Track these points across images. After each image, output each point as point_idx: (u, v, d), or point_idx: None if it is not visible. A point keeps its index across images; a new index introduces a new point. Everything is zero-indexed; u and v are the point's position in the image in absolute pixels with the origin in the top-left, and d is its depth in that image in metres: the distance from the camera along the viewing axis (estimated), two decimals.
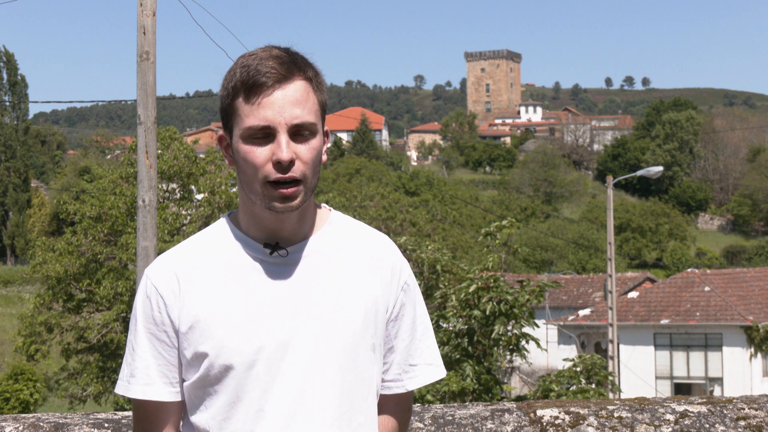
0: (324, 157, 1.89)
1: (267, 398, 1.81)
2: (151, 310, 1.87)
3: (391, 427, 2.00)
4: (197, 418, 1.87)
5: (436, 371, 2.02)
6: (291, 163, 1.78)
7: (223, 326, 1.82)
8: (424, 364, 2.00)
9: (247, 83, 1.79)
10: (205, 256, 1.89)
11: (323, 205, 1.99)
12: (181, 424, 1.94)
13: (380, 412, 1.98)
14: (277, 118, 1.78)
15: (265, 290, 1.85)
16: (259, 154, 1.79)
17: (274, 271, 1.86)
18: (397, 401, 2.00)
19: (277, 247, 1.86)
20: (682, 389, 29.66)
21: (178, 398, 1.89)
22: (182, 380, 1.89)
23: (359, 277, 1.90)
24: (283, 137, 1.78)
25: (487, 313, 9.39)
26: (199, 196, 23.63)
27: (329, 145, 1.95)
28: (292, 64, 1.81)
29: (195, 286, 1.86)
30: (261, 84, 1.78)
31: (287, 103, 1.78)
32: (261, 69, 1.78)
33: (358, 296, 1.88)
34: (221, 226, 1.94)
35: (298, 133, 1.80)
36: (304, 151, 1.80)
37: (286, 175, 1.78)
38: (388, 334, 1.95)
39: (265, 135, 1.79)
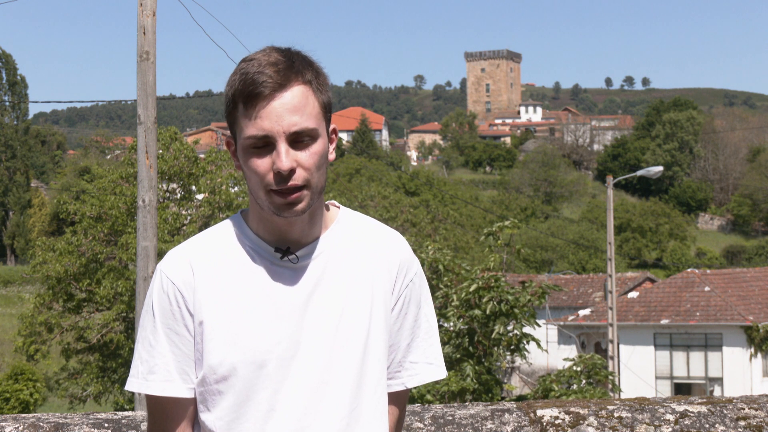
0: (332, 156, 1.89)
1: (278, 397, 1.81)
2: (169, 304, 1.86)
3: (390, 423, 2.00)
4: (206, 417, 1.87)
5: (436, 371, 2.02)
6: (291, 171, 1.78)
7: (234, 325, 1.83)
8: (425, 363, 2.00)
9: (244, 93, 1.79)
10: (218, 254, 1.89)
11: (332, 202, 1.99)
12: None
13: None
14: (275, 127, 1.78)
15: (275, 290, 1.85)
16: (261, 164, 1.79)
17: (284, 271, 1.87)
18: (395, 398, 2.01)
19: (288, 252, 1.86)
20: (682, 389, 29.65)
21: (194, 394, 1.90)
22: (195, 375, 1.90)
23: (368, 274, 1.91)
24: (282, 146, 1.78)
25: (488, 312, 9.39)
26: (200, 197, 23.62)
27: (336, 143, 1.94)
28: (288, 70, 1.80)
29: (208, 282, 1.86)
30: (257, 94, 1.78)
31: (285, 111, 1.78)
32: (258, 78, 1.78)
33: (367, 294, 1.89)
34: (233, 224, 1.94)
35: (298, 140, 1.80)
36: (305, 157, 1.80)
37: (287, 185, 1.78)
38: (391, 330, 1.96)
39: (265, 144, 1.80)
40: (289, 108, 1.78)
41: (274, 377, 1.81)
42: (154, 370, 1.87)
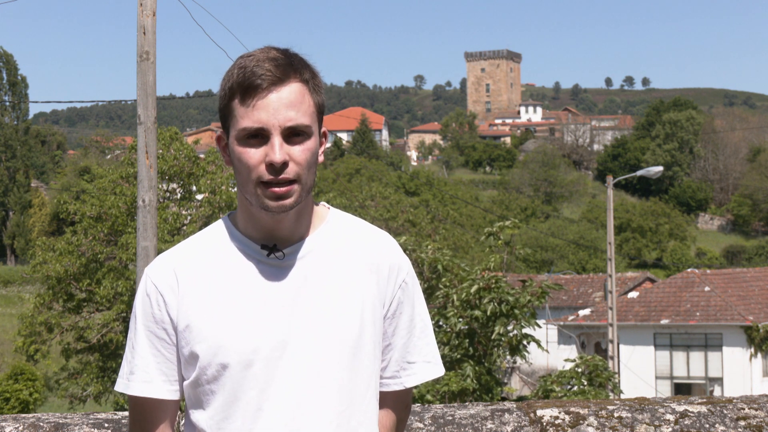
0: (321, 158, 1.90)
1: (266, 397, 1.82)
2: (150, 307, 1.88)
3: (389, 424, 2.01)
4: (196, 417, 1.88)
5: (434, 369, 2.03)
6: (284, 165, 1.79)
7: (220, 325, 1.83)
8: (422, 362, 2.01)
9: (242, 85, 1.80)
10: (204, 256, 1.90)
11: (322, 203, 1.99)
12: (182, 423, 1.94)
13: (379, 408, 1.99)
14: (271, 120, 1.79)
15: (263, 290, 1.85)
16: (253, 155, 1.80)
17: (272, 271, 1.87)
18: (395, 398, 2.02)
19: (275, 249, 1.87)
20: (682, 389, 29.64)
21: (177, 396, 1.91)
22: (182, 378, 1.90)
23: (357, 275, 1.91)
24: (276, 139, 1.79)
25: (488, 313, 9.38)
26: (200, 197, 23.61)
27: (327, 146, 1.95)
28: (288, 66, 1.82)
29: (193, 285, 1.87)
30: (256, 86, 1.79)
31: (282, 105, 1.79)
32: (257, 71, 1.80)
33: (356, 295, 1.89)
34: (220, 226, 1.95)
35: (292, 135, 1.81)
36: (298, 152, 1.81)
37: (279, 177, 1.79)
38: (386, 331, 1.96)
39: (259, 137, 1.80)
40: (286, 103, 1.80)
41: (261, 377, 1.81)
42: (134, 371, 1.89)
